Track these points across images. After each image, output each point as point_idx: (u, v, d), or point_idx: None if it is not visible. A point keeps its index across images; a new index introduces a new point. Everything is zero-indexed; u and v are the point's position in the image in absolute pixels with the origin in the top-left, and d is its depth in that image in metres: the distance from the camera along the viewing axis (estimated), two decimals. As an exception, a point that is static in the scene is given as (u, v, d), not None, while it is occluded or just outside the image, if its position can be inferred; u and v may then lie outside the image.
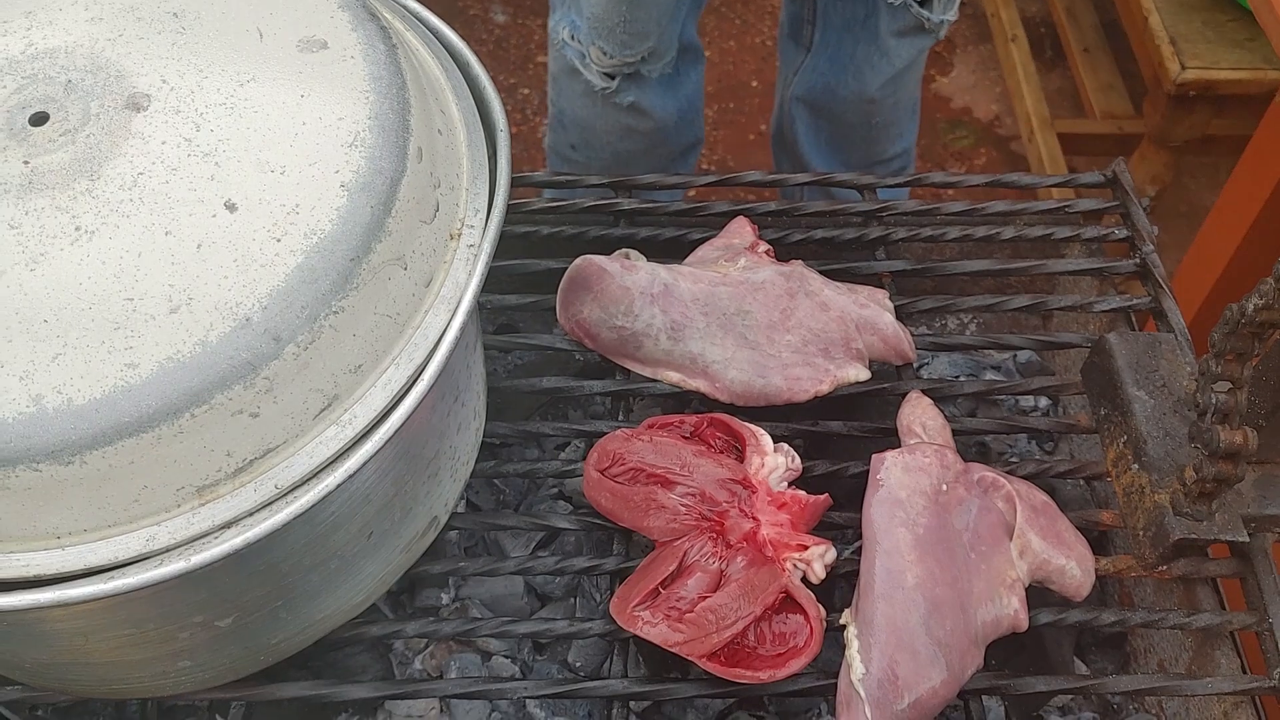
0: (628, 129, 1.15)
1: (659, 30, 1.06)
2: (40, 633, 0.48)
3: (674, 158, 1.23)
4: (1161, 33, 1.26)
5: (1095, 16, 1.79)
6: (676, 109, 1.17)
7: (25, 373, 0.42)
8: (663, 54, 1.08)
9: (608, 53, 1.07)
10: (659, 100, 1.15)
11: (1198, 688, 0.56)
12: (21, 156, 0.46)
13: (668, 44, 1.08)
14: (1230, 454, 0.53)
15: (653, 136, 1.16)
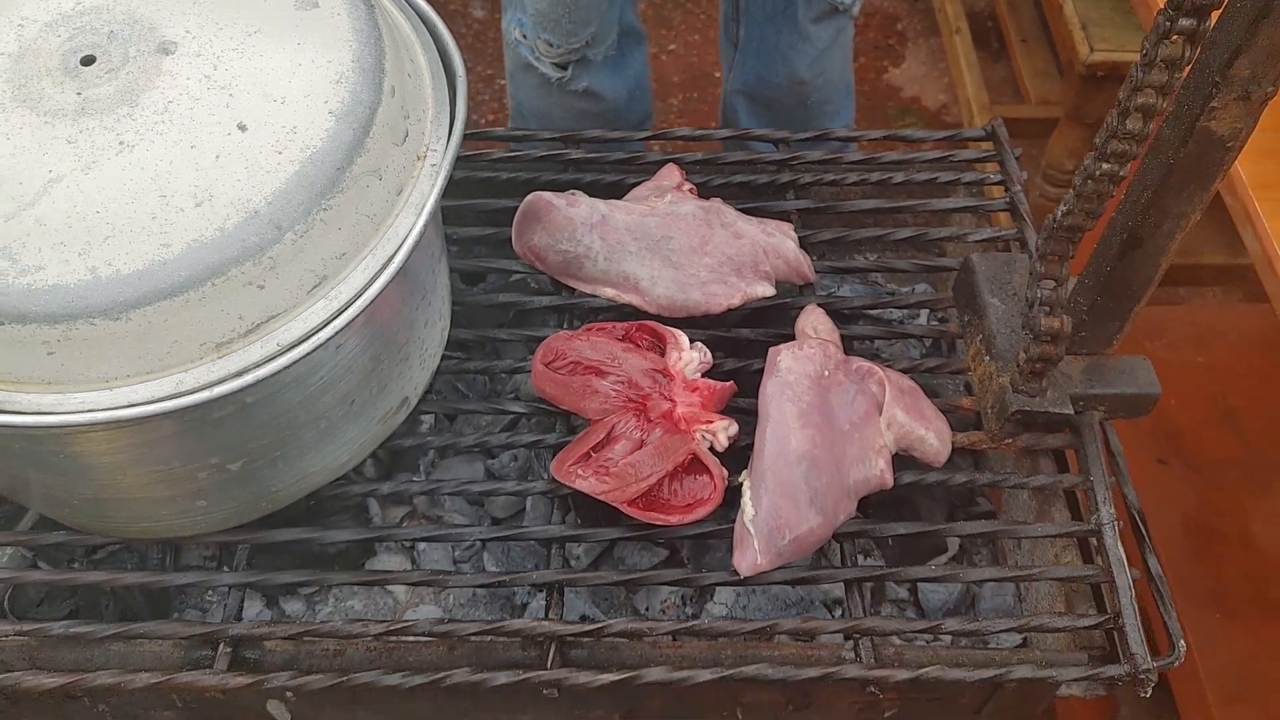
0: (583, 112, 1.27)
1: (599, 16, 1.17)
2: (90, 465, 0.60)
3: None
4: (1074, 19, 1.39)
5: (1034, 10, 1.92)
6: (626, 89, 1.29)
7: (83, 250, 0.54)
8: (605, 37, 1.19)
9: (554, 44, 1.19)
10: (608, 82, 1.27)
11: (1028, 531, 0.69)
12: (75, 89, 0.58)
13: (608, 27, 1.19)
14: (1051, 336, 0.66)
15: (606, 116, 1.28)
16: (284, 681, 0.63)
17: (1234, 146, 0.56)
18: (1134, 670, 0.64)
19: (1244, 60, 0.52)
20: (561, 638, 0.64)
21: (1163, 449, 1.16)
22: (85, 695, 0.71)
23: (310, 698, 0.71)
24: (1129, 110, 0.55)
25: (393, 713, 0.74)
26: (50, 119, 0.57)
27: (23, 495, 0.66)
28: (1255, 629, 1.05)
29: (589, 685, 0.63)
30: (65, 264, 0.54)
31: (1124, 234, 0.63)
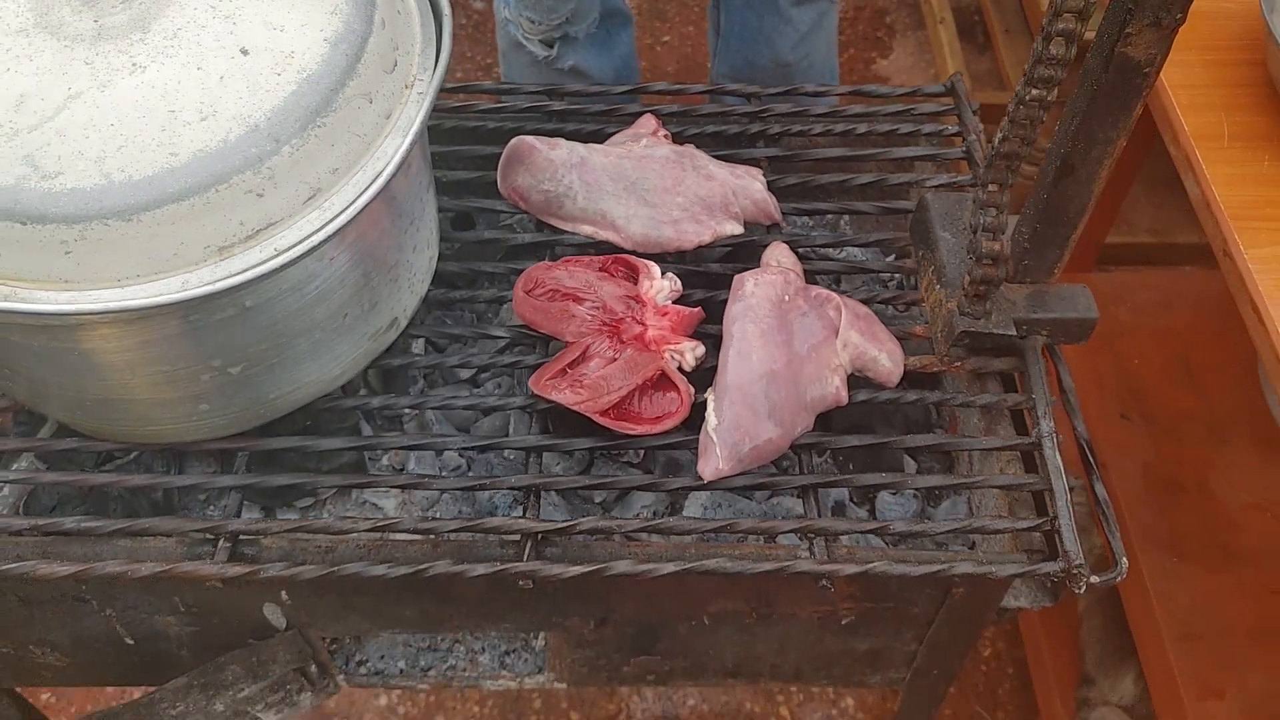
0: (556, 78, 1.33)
1: None
2: (101, 363, 0.65)
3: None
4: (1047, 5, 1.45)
5: (1016, 2, 1.98)
6: (613, 68, 1.35)
7: (98, 157, 0.59)
8: (585, 14, 1.25)
9: (535, 20, 1.24)
10: (595, 61, 1.33)
11: (973, 444, 0.74)
12: (92, 17, 0.63)
13: (589, 6, 1.25)
14: (991, 258, 0.71)
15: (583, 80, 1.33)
16: (278, 572, 0.68)
17: (1150, 71, 0.62)
18: (1068, 567, 0.68)
19: (1154, -13, 0.57)
20: (536, 535, 0.69)
21: (1125, 405, 1.21)
22: (94, 598, 0.77)
23: (304, 600, 0.76)
24: (1051, 35, 0.60)
25: (382, 617, 0.79)
26: (70, 43, 0.62)
27: (41, 401, 0.72)
28: (1209, 573, 1.10)
29: (560, 576, 0.68)
30: (82, 171, 0.59)
31: (1058, 161, 0.68)
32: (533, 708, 1.44)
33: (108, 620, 0.78)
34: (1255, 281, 0.80)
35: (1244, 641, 1.05)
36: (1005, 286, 0.75)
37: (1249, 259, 0.81)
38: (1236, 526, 1.12)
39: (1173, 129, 0.90)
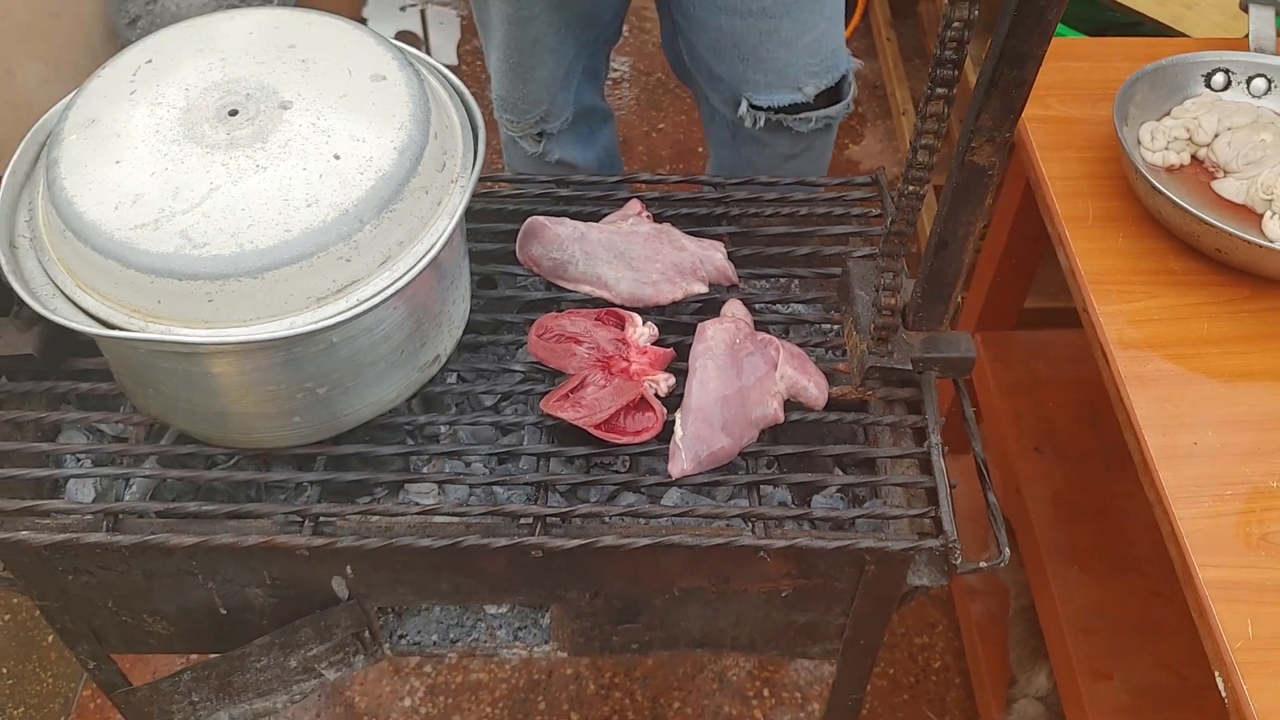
0: (543, 167, 1.57)
1: (549, 98, 1.45)
2: (223, 384, 0.88)
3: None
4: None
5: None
6: (596, 158, 1.59)
7: (234, 232, 0.82)
8: (557, 114, 1.47)
9: (513, 120, 1.49)
10: (580, 154, 1.57)
11: (878, 452, 0.96)
12: (226, 131, 0.87)
13: (560, 107, 1.47)
14: (890, 310, 0.94)
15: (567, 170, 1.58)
16: (349, 543, 0.90)
17: (993, 173, 0.85)
18: (945, 543, 0.90)
19: (985, 115, 0.81)
20: (544, 517, 0.91)
21: (1040, 441, 1.43)
22: (200, 572, 0.98)
23: (364, 574, 0.98)
24: (917, 149, 0.83)
25: (424, 590, 1.00)
26: (210, 150, 0.86)
27: (169, 414, 0.94)
28: (1105, 579, 1.31)
29: (562, 548, 0.90)
30: (222, 242, 0.82)
31: (936, 238, 0.91)
32: (538, 709, 1.64)
33: (209, 592, 1.00)
34: (1104, 331, 1.03)
35: (1130, 634, 1.26)
36: (904, 332, 0.98)
37: (1100, 314, 1.04)
38: (1127, 541, 1.33)
39: (1050, 212, 1.14)
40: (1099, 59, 1.28)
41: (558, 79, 1.45)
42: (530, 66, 1.43)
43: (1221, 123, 1.15)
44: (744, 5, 1.29)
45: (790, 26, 1.30)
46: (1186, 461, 0.94)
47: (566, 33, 1.41)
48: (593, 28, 1.45)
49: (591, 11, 1.41)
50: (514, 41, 1.41)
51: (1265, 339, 1.02)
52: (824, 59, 1.35)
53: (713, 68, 1.39)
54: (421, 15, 2.94)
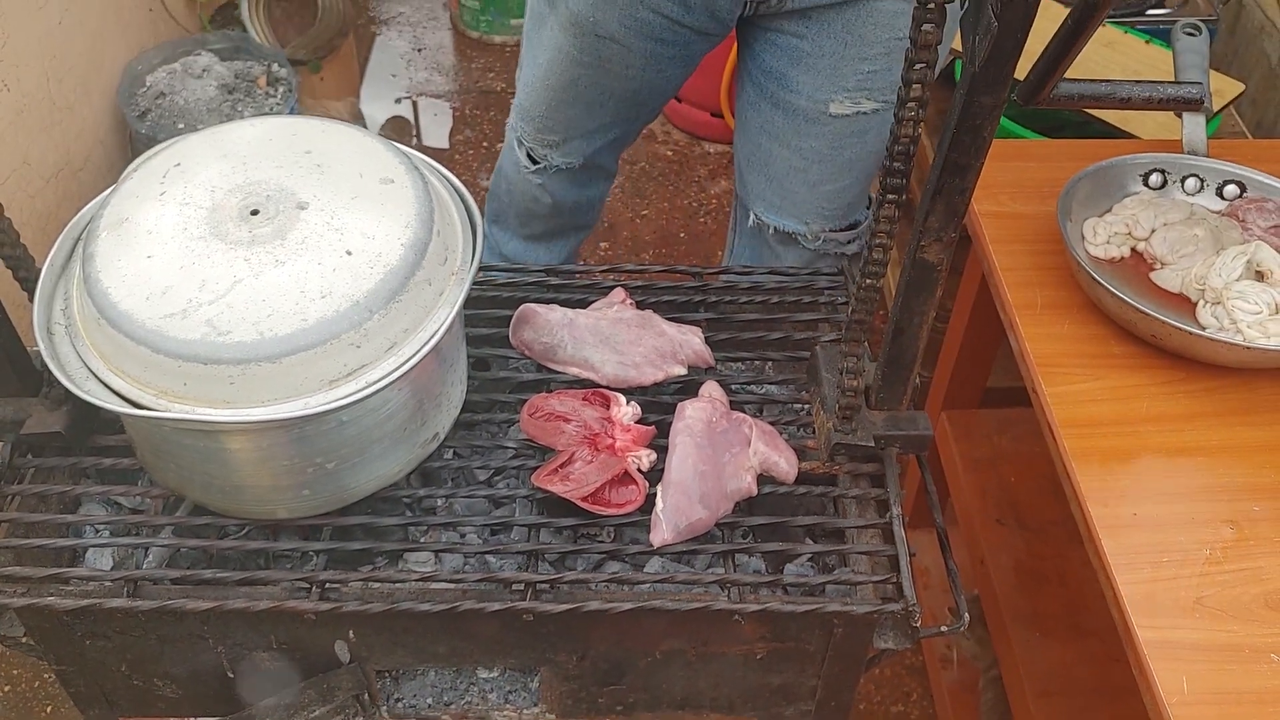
0: (534, 198, 1.65)
1: (567, 137, 1.53)
2: (240, 459, 0.95)
3: (564, 229, 1.72)
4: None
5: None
6: (573, 201, 1.66)
7: (255, 321, 0.90)
8: (568, 155, 1.55)
9: (526, 131, 1.56)
10: (561, 190, 1.63)
11: (843, 523, 1.04)
12: (248, 229, 0.96)
13: (573, 152, 1.55)
14: (853, 391, 1.03)
15: (551, 209, 1.66)
16: (354, 608, 0.97)
17: (941, 269, 0.94)
18: (905, 606, 0.98)
19: (932, 218, 0.90)
20: (534, 584, 0.98)
21: (1003, 513, 1.51)
22: (211, 636, 1.05)
23: (365, 638, 1.05)
24: (873, 246, 0.93)
25: (421, 653, 1.07)
26: (233, 246, 0.94)
27: (185, 486, 1.02)
28: (1065, 644, 1.38)
29: (551, 612, 0.97)
30: (244, 330, 0.90)
31: (893, 326, 1.00)
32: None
33: (218, 655, 1.06)
34: (1051, 411, 1.12)
35: (1090, 697, 1.33)
36: (867, 411, 1.07)
37: (1047, 395, 1.13)
38: (1086, 609, 1.41)
39: (1001, 300, 1.24)
40: (1046, 159, 1.39)
41: (584, 129, 1.52)
42: (563, 101, 1.51)
43: (1158, 219, 1.25)
44: (786, 139, 1.41)
45: (819, 173, 1.43)
46: (1127, 531, 1.02)
47: (609, 99, 1.49)
48: (637, 108, 1.53)
49: (639, 93, 1.48)
50: (557, 73, 1.47)
51: (1199, 418, 1.11)
52: (839, 208, 1.48)
53: (744, 172, 1.52)
54: (413, 105, 3.07)
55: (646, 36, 1.39)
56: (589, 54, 1.42)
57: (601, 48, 1.41)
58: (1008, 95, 0.82)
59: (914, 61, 0.80)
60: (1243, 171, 1.29)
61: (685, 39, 1.40)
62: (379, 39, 3.30)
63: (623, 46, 1.40)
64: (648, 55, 1.41)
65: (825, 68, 1.34)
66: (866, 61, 1.32)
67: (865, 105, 1.36)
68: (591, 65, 1.44)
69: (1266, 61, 2.15)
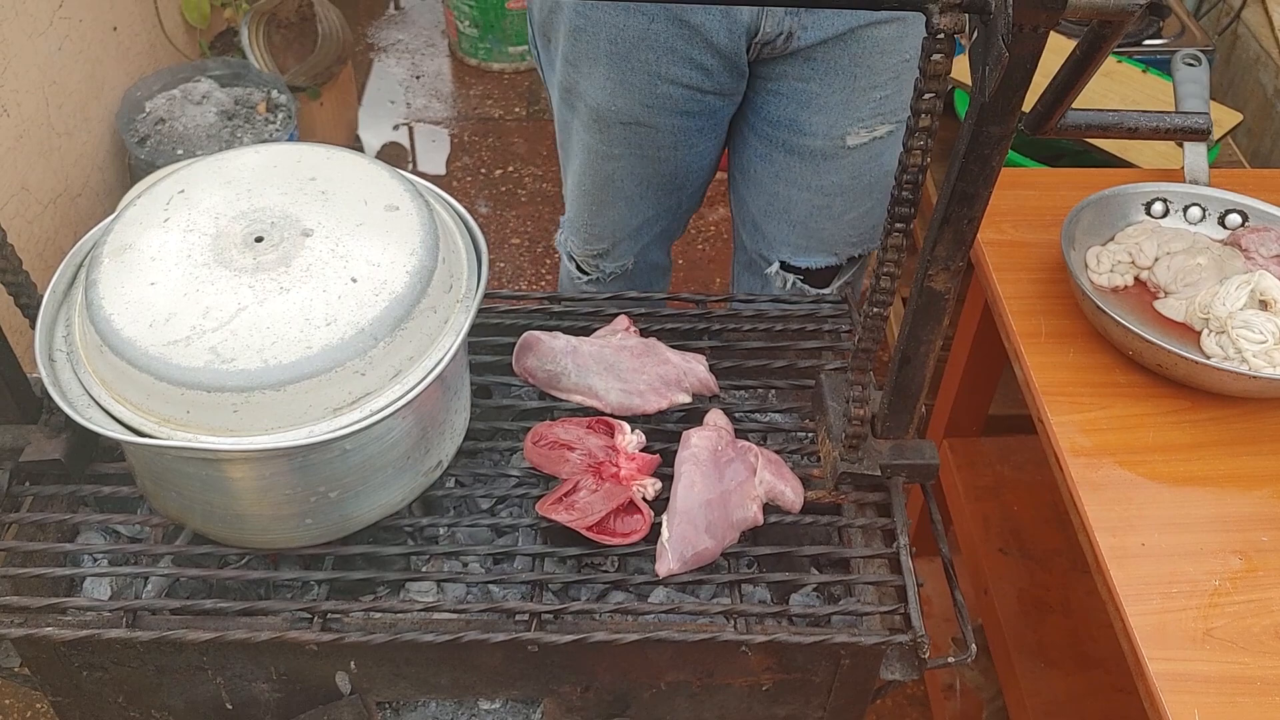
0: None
1: (614, 240, 1.51)
2: (243, 487, 0.94)
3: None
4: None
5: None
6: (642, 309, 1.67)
7: (259, 349, 0.90)
8: (618, 258, 1.54)
9: (575, 245, 1.55)
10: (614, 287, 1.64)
11: (849, 552, 1.03)
12: (253, 256, 0.95)
13: (623, 253, 1.54)
14: (859, 420, 1.02)
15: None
16: (357, 638, 0.96)
17: (948, 296, 0.94)
18: (914, 637, 0.97)
19: (940, 247, 0.90)
20: (540, 614, 0.97)
21: (1006, 542, 1.50)
22: (210, 667, 1.03)
23: (366, 669, 1.03)
24: (880, 276, 0.93)
25: (424, 684, 1.05)
26: (238, 273, 0.94)
27: (186, 515, 1.01)
28: (1070, 675, 1.37)
29: (556, 643, 0.96)
30: (248, 358, 0.89)
31: (899, 355, 1.00)
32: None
33: (217, 687, 1.05)
34: (1057, 440, 1.12)
35: (1095, 729, 1.32)
36: (873, 440, 1.06)
37: (1053, 424, 1.13)
38: (1091, 639, 1.40)
39: (1006, 328, 1.23)
40: (1049, 187, 1.39)
41: (630, 227, 1.50)
42: (603, 203, 1.49)
43: (1161, 247, 1.25)
44: (806, 181, 1.40)
45: (842, 204, 1.43)
46: (1135, 561, 1.01)
47: (648, 188, 1.47)
48: (676, 192, 1.50)
49: (676, 175, 1.46)
50: (590, 174, 1.46)
51: (1205, 447, 1.11)
52: (864, 233, 1.48)
53: (760, 224, 1.49)
54: (409, 131, 3.08)
55: (671, 112, 1.37)
56: (618, 145, 1.41)
57: (629, 135, 1.40)
58: (1016, 125, 0.82)
59: (923, 91, 0.80)
60: (1245, 200, 1.29)
61: (710, 106, 1.38)
62: (378, 65, 3.31)
63: (649, 128, 1.38)
64: (676, 131, 1.39)
65: (837, 104, 1.34)
66: (877, 89, 1.32)
67: (880, 130, 1.36)
68: (623, 156, 1.42)
69: (1262, 91, 2.16)
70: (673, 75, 1.32)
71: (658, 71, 1.32)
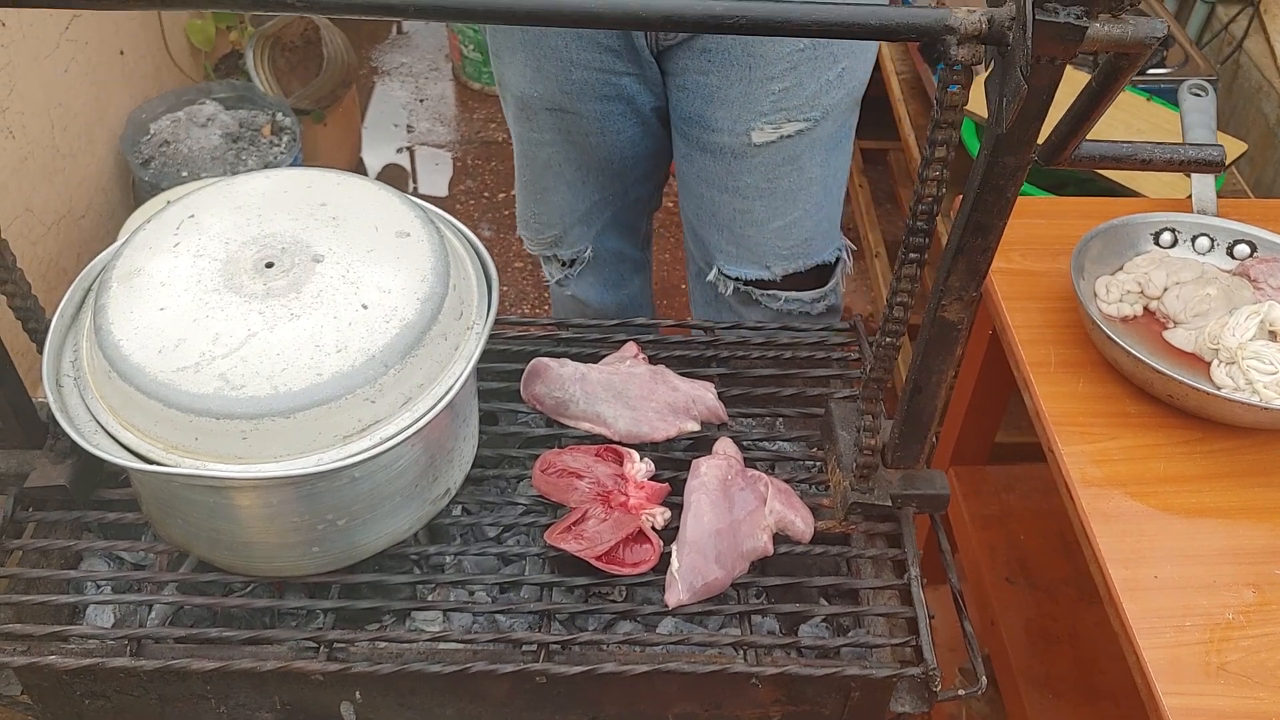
0: (578, 310, 1.67)
1: (562, 226, 1.55)
2: (250, 515, 0.93)
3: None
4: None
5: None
6: (615, 303, 1.68)
7: (269, 376, 0.89)
8: (571, 245, 1.57)
9: (527, 238, 1.58)
10: (596, 295, 1.65)
11: (859, 583, 1.02)
12: (263, 282, 0.95)
13: (576, 240, 1.57)
14: (870, 450, 1.01)
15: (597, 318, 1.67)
16: (364, 668, 0.95)
17: (962, 327, 0.94)
18: (925, 670, 0.96)
19: (954, 277, 0.90)
20: (547, 644, 0.96)
21: (1013, 571, 1.49)
22: (214, 696, 1.02)
23: (371, 699, 1.02)
24: (893, 305, 0.92)
25: (429, 714, 1.04)
26: (248, 299, 0.93)
27: (191, 543, 1.00)
28: (1078, 706, 1.36)
29: (564, 674, 0.95)
30: (258, 385, 0.89)
31: (911, 384, 0.99)
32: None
33: (220, 716, 1.03)
34: (1068, 471, 1.11)
35: (1105, 762, 1.31)
36: (883, 470, 1.06)
37: (1064, 454, 1.12)
38: (1100, 670, 1.39)
39: (1015, 358, 1.23)
40: (1057, 216, 1.39)
41: (575, 212, 1.54)
42: (543, 189, 1.54)
43: (1170, 277, 1.25)
44: (722, 181, 1.40)
45: (763, 209, 1.41)
46: (1149, 594, 1.01)
47: (588, 174, 1.51)
48: (617, 179, 1.54)
49: (611, 161, 1.50)
50: (526, 161, 1.53)
51: (1216, 478, 1.10)
52: (794, 245, 1.45)
53: (695, 230, 1.50)
54: (410, 154, 3.09)
55: (589, 97, 1.42)
56: (547, 130, 1.47)
57: (555, 121, 1.45)
58: (1031, 156, 0.82)
59: (939, 122, 0.80)
60: (1253, 231, 1.29)
61: (626, 90, 1.41)
62: (381, 89, 3.32)
63: (572, 114, 1.43)
64: (600, 117, 1.43)
65: (738, 97, 1.33)
66: (774, 80, 1.31)
67: (787, 128, 1.35)
68: (553, 142, 1.48)
69: (1264, 121, 2.17)
70: (584, 60, 1.37)
71: (569, 57, 1.37)
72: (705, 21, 0.73)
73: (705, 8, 0.73)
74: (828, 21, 0.74)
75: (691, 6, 0.72)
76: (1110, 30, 0.72)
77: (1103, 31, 0.72)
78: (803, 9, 0.73)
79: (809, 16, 0.74)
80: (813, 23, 0.74)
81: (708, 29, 0.74)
